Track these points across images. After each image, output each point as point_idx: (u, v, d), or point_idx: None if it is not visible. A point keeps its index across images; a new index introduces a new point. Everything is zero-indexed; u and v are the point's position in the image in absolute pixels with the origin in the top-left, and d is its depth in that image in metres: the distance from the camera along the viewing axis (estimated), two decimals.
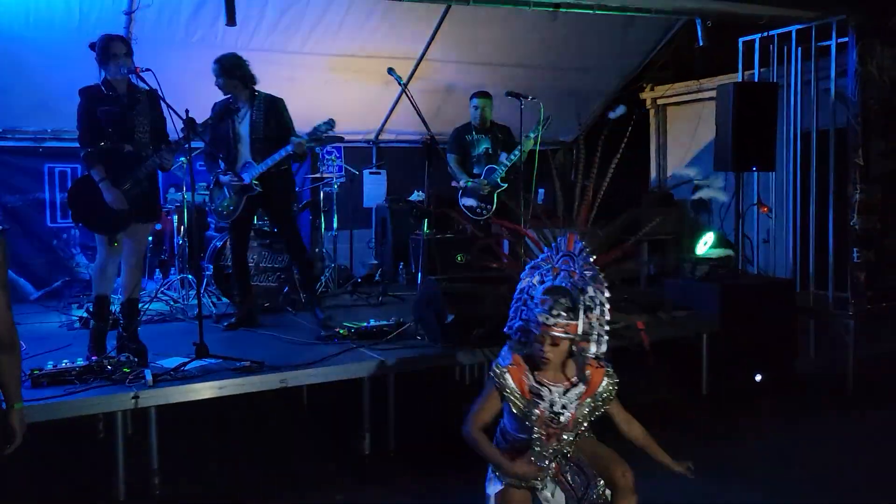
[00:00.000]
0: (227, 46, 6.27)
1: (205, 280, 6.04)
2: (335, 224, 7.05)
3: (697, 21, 6.26)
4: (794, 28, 6.13)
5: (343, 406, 4.54)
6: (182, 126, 4.22)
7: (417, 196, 7.68)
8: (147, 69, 4.15)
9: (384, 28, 6.80)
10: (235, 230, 5.49)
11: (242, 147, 5.25)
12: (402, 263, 7.57)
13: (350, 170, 7.22)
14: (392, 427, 4.41)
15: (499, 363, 2.81)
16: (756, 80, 6.36)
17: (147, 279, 6.30)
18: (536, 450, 2.77)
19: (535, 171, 5.60)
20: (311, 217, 7.89)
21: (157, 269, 6.68)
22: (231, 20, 5.13)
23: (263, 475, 4.18)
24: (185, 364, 4.00)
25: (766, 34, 6.34)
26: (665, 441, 2.96)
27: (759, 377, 5.49)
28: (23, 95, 6.25)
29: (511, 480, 2.80)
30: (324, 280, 6.73)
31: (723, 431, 4.75)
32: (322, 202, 6.94)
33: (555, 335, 2.64)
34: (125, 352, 4.20)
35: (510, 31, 7.15)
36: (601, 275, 2.86)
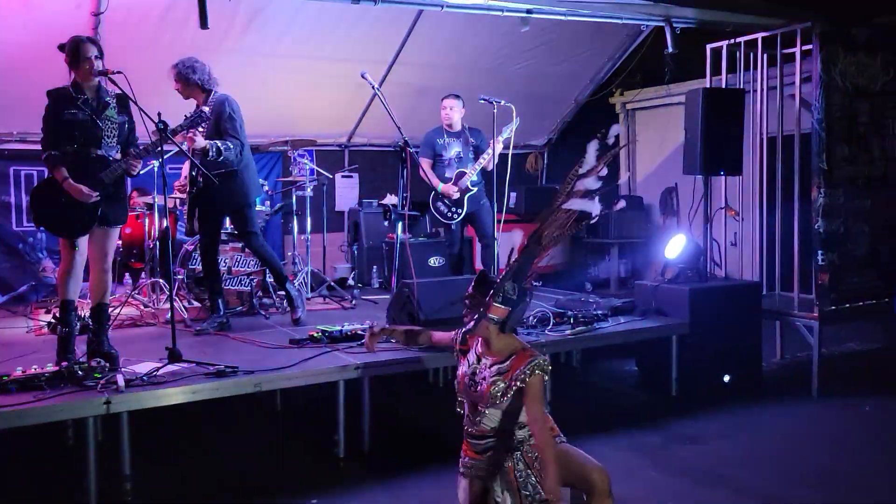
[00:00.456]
0: (198, 48, 6.24)
1: (175, 284, 5.99)
2: (308, 227, 7.03)
3: (666, 28, 6.36)
4: (760, 35, 6.25)
5: (317, 409, 4.54)
6: (154, 129, 4.18)
7: (390, 199, 7.70)
8: (118, 72, 4.09)
9: (356, 32, 6.80)
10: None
11: None
12: (376, 267, 7.57)
13: (322, 173, 7.21)
14: (366, 429, 4.42)
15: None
16: (723, 87, 6.47)
17: (116, 283, 6.23)
18: (462, 412, 3.00)
19: (508, 175, 5.65)
20: (283, 220, 7.87)
21: (126, 274, 6.61)
22: (204, 23, 5.10)
23: (237, 479, 4.17)
24: (158, 369, 3.97)
25: (733, 41, 6.46)
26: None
27: (728, 378, 5.60)
28: None
29: (464, 472, 2.94)
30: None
31: (692, 432, 4.82)
32: (294, 205, 6.91)
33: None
34: (96, 357, 4.14)
35: (482, 36, 7.21)
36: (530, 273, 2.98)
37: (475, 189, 6.44)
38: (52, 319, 5.19)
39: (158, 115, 4.14)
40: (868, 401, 5.33)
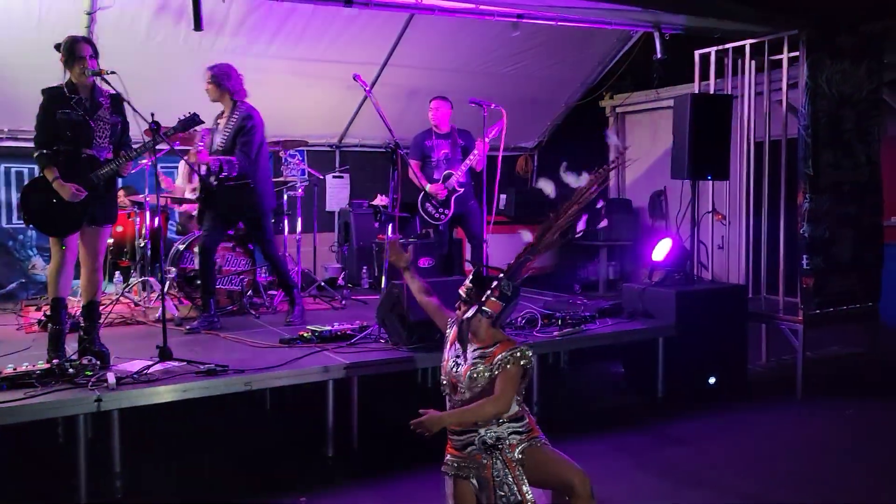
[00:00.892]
0: (190, 49, 6.27)
1: (166, 283, 6.00)
2: (298, 227, 7.06)
3: (656, 34, 6.42)
4: (748, 42, 6.32)
5: (306, 408, 4.57)
6: (146, 130, 4.21)
7: (381, 200, 7.73)
8: (112, 72, 4.11)
9: (348, 34, 6.83)
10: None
11: None
12: (366, 267, 7.60)
13: (313, 173, 7.23)
14: (355, 428, 4.45)
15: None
16: (711, 92, 6.54)
17: (107, 282, 6.24)
18: (444, 393, 3.10)
19: (498, 177, 5.69)
20: (274, 220, 7.87)
21: (118, 272, 6.61)
22: (198, 25, 5.12)
23: (227, 478, 4.19)
24: (149, 367, 4.00)
25: (722, 47, 6.52)
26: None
27: (714, 380, 5.66)
28: None
29: (447, 470, 2.99)
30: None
31: (677, 433, 4.87)
32: (286, 205, 6.93)
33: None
34: (87, 355, 4.16)
35: (473, 40, 7.25)
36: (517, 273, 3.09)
37: (462, 190, 6.49)
38: (43, 317, 5.21)
39: (151, 116, 4.17)
40: (851, 404, 5.39)
